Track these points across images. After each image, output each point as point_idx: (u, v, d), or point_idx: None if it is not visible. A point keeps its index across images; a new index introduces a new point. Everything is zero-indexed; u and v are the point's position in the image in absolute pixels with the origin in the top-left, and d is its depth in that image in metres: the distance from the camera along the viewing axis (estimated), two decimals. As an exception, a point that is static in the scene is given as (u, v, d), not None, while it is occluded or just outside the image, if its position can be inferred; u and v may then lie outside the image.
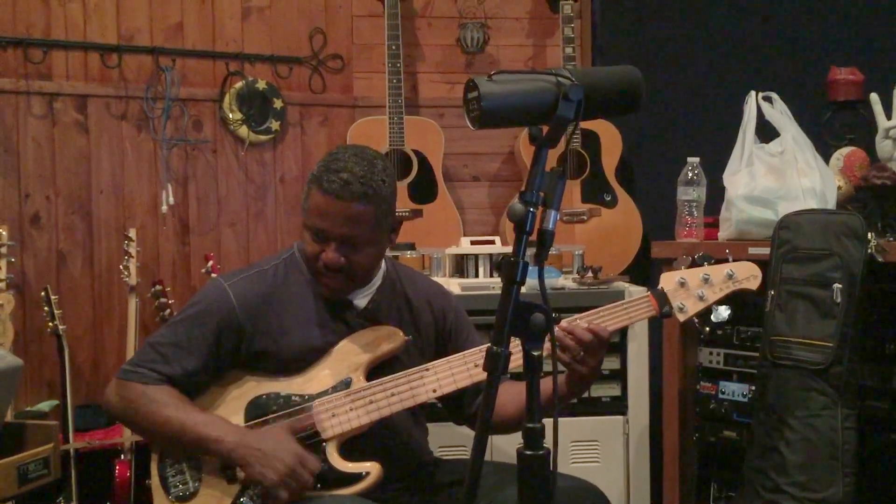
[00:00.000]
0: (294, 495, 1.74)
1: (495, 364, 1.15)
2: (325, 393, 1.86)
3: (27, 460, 1.70)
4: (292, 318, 1.89)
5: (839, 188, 2.50)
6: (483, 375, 1.85)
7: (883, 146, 2.50)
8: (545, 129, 1.21)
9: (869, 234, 2.14)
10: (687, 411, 2.65)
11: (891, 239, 2.23)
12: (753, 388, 2.42)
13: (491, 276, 2.85)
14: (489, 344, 1.85)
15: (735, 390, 2.52)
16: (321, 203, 1.79)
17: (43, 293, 2.79)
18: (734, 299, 1.98)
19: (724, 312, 2.52)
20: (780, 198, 2.42)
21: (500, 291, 2.74)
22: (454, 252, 2.90)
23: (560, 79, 1.16)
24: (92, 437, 2.77)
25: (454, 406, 2.03)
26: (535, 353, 1.18)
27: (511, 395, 1.94)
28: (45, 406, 2.88)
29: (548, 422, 1.21)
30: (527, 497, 1.16)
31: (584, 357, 1.76)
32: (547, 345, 1.23)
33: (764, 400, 2.22)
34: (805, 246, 2.20)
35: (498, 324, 1.17)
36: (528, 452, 1.18)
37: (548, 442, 1.21)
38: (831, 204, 2.42)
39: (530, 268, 1.18)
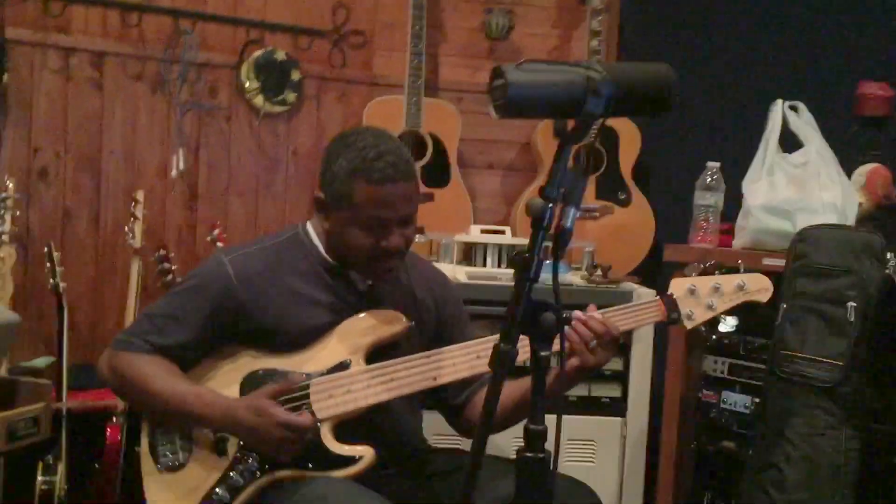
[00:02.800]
0: (294, 454, 1.73)
1: (502, 362, 1.11)
2: (322, 373, 1.83)
3: (17, 417, 1.68)
4: (293, 296, 1.86)
5: (860, 205, 2.45)
6: (484, 368, 1.85)
7: (908, 165, 2.46)
8: (570, 123, 1.17)
9: (888, 255, 2.10)
10: (687, 418, 2.62)
11: (910, 260, 2.19)
12: (757, 400, 2.39)
13: (499, 266, 2.81)
14: (494, 336, 1.86)
15: (738, 401, 2.48)
16: (377, 193, 1.75)
17: (46, 249, 2.76)
18: (743, 309, 1.95)
19: (731, 322, 2.51)
20: (800, 210, 2.38)
21: (507, 282, 2.72)
22: (463, 239, 2.86)
23: (591, 72, 1.12)
24: (86, 397, 2.76)
25: (439, 395, 2.00)
26: (544, 354, 1.14)
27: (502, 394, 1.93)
28: (40, 362, 2.86)
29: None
30: (526, 498, 1.12)
31: (595, 348, 1.76)
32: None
33: (767, 413, 2.19)
34: (822, 261, 2.16)
35: (508, 320, 1.13)
36: (529, 454, 1.14)
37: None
38: (850, 220, 2.38)
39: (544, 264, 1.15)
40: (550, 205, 1.12)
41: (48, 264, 2.74)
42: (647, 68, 1.21)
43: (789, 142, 2.53)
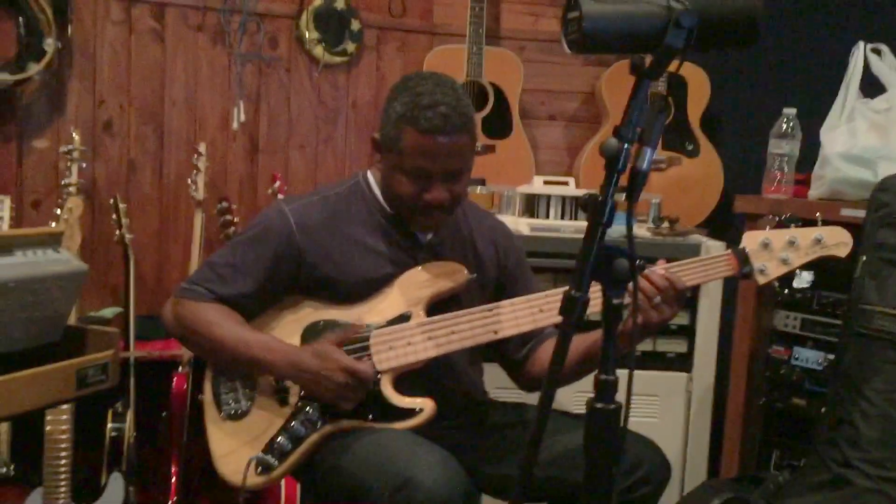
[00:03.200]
0: (356, 401, 1.74)
1: (573, 309, 1.07)
2: (383, 325, 1.82)
3: (86, 365, 1.69)
4: (354, 247, 1.84)
5: (946, 152, 2.32)
6: (548, 321, 1.82)
7: None
8: (648, 58, 1.10)
9: (977, 204, 1.98)
10: (755, 375, 2.54)
11: None
12: (830, 356, 2.31)
13: (562, 218, 2.76)
14: (556, 289, 1.82)
15: (810, 357, 2.40)
16: (423, 143, 1.71)
17: (112, 201, 2.79)
18: (819, 263, 1.87)
19: (807, 277, 2.42)
20: (882, 157, 2.26)
21: (570, 235, 2.66)
22: (526, 191, 2.80)
23: (671, 2, 1.05)
24: (152, 347, 2.80)
25: (500, 350, 1.98)
26: (616, 302, 1.09)
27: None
28: (108, 312, 2.91)
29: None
30: (593, 451, 1.09)
31: (659, 304, 1.70)
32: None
33: (843, 369, 2.11)
34: (906, 211, 2.06)
35: (579, 267, 1.09)
36: (600, 405, 1.11)
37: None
38: (936, 169, 2.25)
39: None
40: (626, 145, 1.06)
41: (114, 216, 2.77)
42: (731, -2, 1.13)
43: (871, 86, 2.40)
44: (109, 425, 2.62)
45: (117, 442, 2.60)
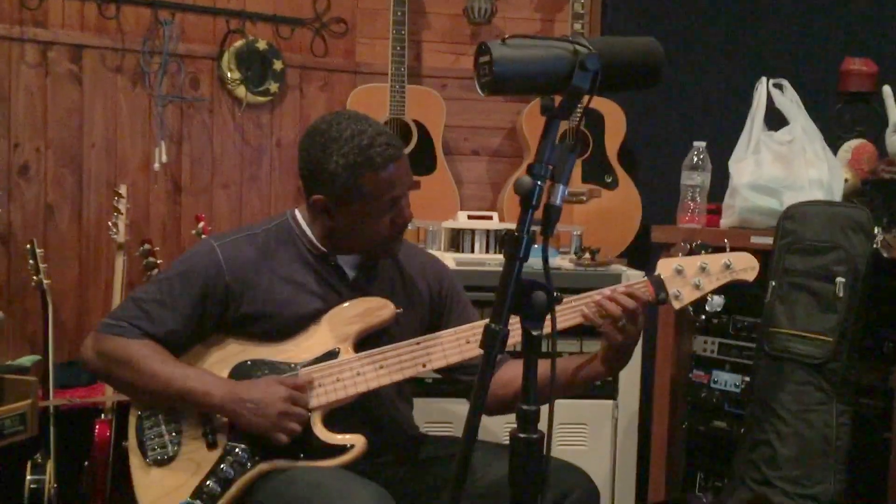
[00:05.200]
0: (293, 433, 1.73)
1: (493, 342, 1.10)
2: (311, 362, 1.82)
3: (4, 415, 1.66)
4: (282, 284, 1.84)
5: (846, 181, 2.45)
6: (475, 352, 1.84)
7: (893, 140, 2.44)
8: (558, 99, 1.15)
9: (875, 229, 2.10)
10: (678, 399, 2.62)
11: (897, 235, 2.19)
12: (747, 378, 2.39)
13: (487, 252, 2.80)
14: (484, 320, 1.85)
15: (728, 380, 2.49)
16: (386, 176, 1.75)
17: (29, 246, 2.72)
18: (731, 289, 1.94)
19: (718, 302, 2.50)
20: (786, 187, 2.37)
21: (495, 268, 2.71)
22: (451, 226, 2.84)
23: (577, 46, 1.11)
24: (73, 394, 2.73)
25: (451, 378, 1.99)
26: (535, 333, 1.13)
27: (516, 374, 1.92)
28: (26, 361, 2.82)
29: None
30: (518, 480, 1.11)
31: (625, 325, 1.75)
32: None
33: (758, 391, 2.19)
34: (810, 238, 2.16)
35: (498, 300, 1.12)
36: (522, 435, 1.13)
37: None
38: (837, 196, 2.38)
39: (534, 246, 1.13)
40: (539, 182, 1.10)
41: (31, 261, 2.70)
42: (634, 42, 1.20)
43: (775, 120, 2.52)
44: (29, 477, 2.53)
45: (37, 494, 2.51)
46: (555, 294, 1.14)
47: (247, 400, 1.73)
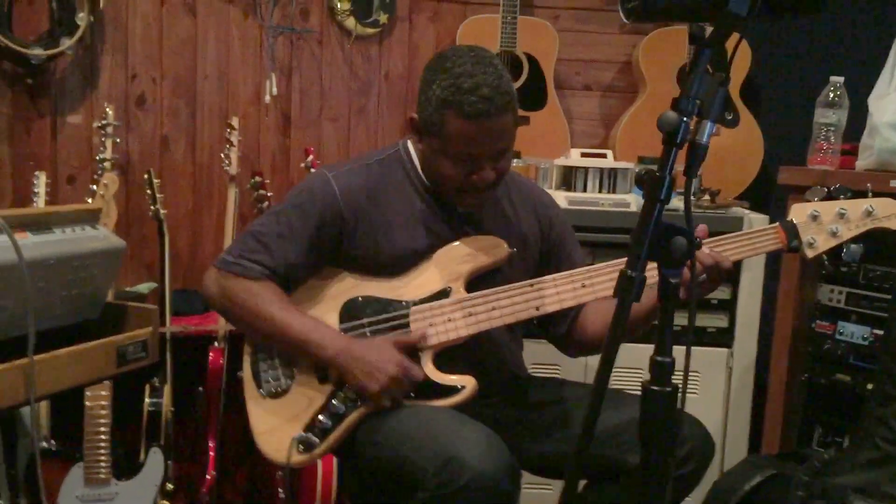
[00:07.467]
0: (397, 400, 1.73)
1: (628, 290, 1.03)
2: (422, 301, 1.79)
3: (127, 342, 1.69)
4: (395, 216, 1.81)
5: None
6: (589, 297, 1.78)
7: None
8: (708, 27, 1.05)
9: None
10: (798, 350, 2.50)
11: None
12: (878, 331, 2.25)
13: (599, 191, 2.71)
14: (601, 264, 1.79)
15: (855, 332, 2.35)
16: (466, 128, 1.67)
17: (146, 176, 2.78)
18: (868, 236, 1.81)
19: (856, 250, 2.35)
20: (934, 127, 2.19)
21: (609, 208, 2.61)
22: (563, 163, 2.75)
23: (736, -33, 1.00)
24: (188, 322, 2.80)
25: (543, 323, 1.96)
26: (674, 281, 1.06)
27: (601, 312, 1.88)
28: (143, 288, 2.92)
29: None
30: (650, 434, 1.06)
31: (703, 282, 1.67)
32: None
33: (892, 344, 2.06)
34: (960, 182, 1.99)
35: (635, 245, 1.05)
36: (655, 388, 1.07)
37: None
38: None
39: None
40: (685, 119, 1.02)
41: (148, 191, 2.77)
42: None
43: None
44: (147, 401, 2.63)
45: (155, 417, 2.61)
46: (696, 240, 1.06)
47: (360, 359, 1.72)
